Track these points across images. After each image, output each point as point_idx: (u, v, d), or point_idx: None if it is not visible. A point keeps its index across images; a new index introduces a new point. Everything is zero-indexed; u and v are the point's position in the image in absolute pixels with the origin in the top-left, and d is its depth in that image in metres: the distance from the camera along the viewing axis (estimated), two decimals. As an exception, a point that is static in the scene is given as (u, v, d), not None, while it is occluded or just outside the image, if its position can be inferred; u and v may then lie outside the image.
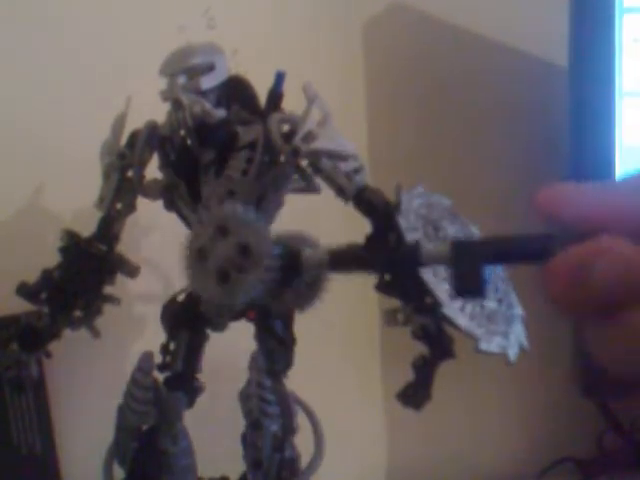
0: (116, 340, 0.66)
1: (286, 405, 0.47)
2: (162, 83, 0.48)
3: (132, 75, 0.66)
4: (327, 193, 0.66)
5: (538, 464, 0.77)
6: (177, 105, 0.47)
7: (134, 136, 0.51)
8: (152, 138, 0.50)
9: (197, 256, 0.40)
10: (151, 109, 0.48)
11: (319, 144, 0.45)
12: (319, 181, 0.48)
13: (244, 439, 0.47)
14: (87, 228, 0.53)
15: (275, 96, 0.49)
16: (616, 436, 0.80)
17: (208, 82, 0.47)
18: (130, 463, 0.50)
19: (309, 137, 0.45)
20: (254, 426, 0.46)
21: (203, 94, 0.47)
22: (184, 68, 0.47)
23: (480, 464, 0.80)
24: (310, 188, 0.49)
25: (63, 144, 0.67)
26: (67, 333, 0.53)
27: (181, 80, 0.47)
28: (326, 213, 0.60)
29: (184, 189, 0.49)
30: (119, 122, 0.52)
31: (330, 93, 0.47)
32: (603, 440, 0.80)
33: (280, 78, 0.49)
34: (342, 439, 0.60)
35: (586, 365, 0.69)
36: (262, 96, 0.49)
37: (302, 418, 0.49)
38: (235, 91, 0.49)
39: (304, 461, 0.48)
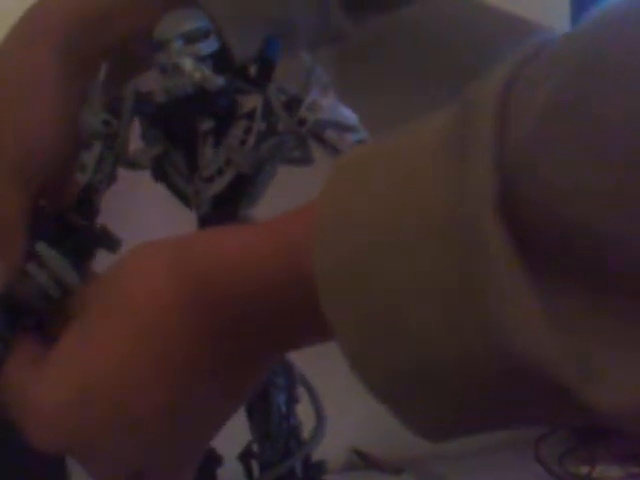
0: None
1: (291, 375, 0.47)
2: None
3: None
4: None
5: (535, 430, 0.77)
6: (175, 71, 0.45)
7: (117, 102, 0.49)
8: (142, 105, 0.48)
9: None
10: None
11: (324, 114, 0.45)
12: (313, 152, 0.47)
13: (250, 411, 0.46)
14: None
15: (267, 64, 0.48)
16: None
17: (207, 47, 0.46)
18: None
19: (314, 107, 0.45)
20: (262, 397, 0.46)
21: (202, 60, 0.45)
22: (181, 32, 0.45)
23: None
24: (304, 159, 0.49)
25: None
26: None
27: (178, 45, 0.45)
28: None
29: (180, 159, 0.47)
30: (97, 89, 0.50)
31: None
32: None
33: (272, 44, 0.48)
34: (342, 410, 0.60)
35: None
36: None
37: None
38: (228, 58, 0.48)
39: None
